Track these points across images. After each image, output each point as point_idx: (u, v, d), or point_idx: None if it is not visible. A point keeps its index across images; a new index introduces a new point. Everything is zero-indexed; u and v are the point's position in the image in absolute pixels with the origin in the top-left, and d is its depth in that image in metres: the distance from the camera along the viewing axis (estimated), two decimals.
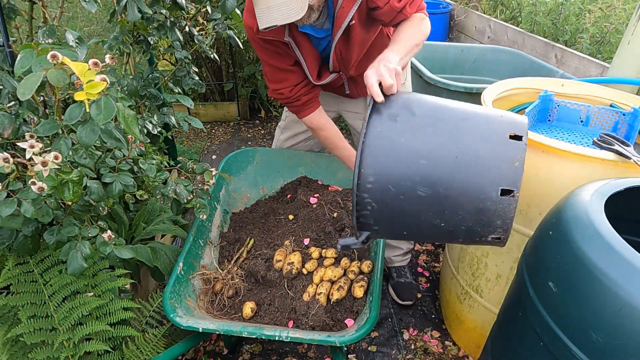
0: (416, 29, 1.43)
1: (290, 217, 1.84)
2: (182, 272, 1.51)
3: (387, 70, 1.15)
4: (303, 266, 1.60)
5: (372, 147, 1.02)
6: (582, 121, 1.76)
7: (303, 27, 1.50)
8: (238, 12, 1.90)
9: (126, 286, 1.55)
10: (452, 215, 1.02)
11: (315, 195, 1.89)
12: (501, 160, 1.00)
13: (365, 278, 1.55)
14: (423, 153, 1.01)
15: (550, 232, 1.05)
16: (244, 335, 1.31)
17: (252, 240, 1.76)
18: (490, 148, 1.01)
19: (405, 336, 2.01)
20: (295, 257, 1.60)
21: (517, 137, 1.02)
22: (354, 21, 1.46)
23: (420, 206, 1.02)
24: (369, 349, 1.95)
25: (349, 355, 1.92)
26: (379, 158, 1.01)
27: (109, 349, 1.42)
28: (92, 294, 1.42)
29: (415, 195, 1.01)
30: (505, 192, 0.99)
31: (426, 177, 1.00)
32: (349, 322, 1.46)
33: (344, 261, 1.60)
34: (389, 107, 1.07)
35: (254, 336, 1.31)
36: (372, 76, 1.13)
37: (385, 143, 1.02)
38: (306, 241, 1.70)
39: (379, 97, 1.09)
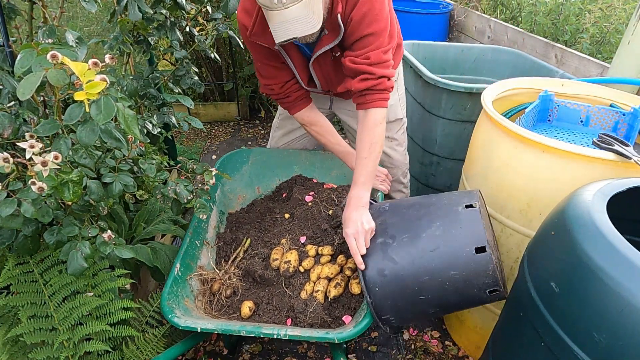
0: (373, 137, 1.54)
1: (286, 215, 1.84)
2: (180, 273, 1.51)
3: (364, 233, 1.37)
4: (300, 264, 1.60)
5: (379, 300, 1.34)
6: (582, 121, 1.76)
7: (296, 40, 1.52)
8: None
9: (126, 286, 1.55)
10: (452, 293, 1.29)
11: (311, 193, 1.89)
12: (466, 229, 1.29)
13: None
14: (416, 277, 1.31)
15: (553, 232, 1.05)
16: (242, 334, 1.31)
17: (249, 240, 1.76)
18: (458, 228, 1.30)
19: (405, 336, 2.01)
20: (292, 256, 1.60)
21: (470, 206, 1.33)
22: (328, 50, 1.54)
23: (425, 305, 1.34)
24: (369, 348, 1.95)
25: (349, 355, 1.92)
26: (388, 301, 1.34)
27: (109, 349, 1.42)
28: (92, 294, 1.42)
29: (420, 301, 1.34)
30: (479, 250, 1.25)
31: (424, 288, 1.31)
32: (346, 318, 1.46)
33: (340, 258, 1.61)
34: (374, 263, 1.36)
35: (252, 335, 1.32)
36: (352, 240, 1.37)
37: (386, 293, 1.33)
38: (302, 239, 1.70)
39: (362, 266, 1.35)
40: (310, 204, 1.84)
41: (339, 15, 1.42)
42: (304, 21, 1.28)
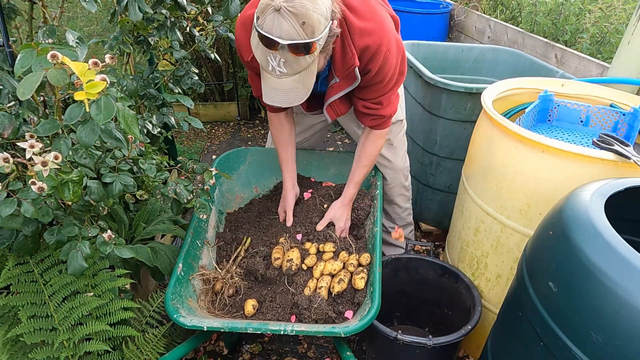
0: (374, 150, 1.73)
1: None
2: (182, 273, 1.52)
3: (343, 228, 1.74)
4: (302, 262, 1.61)
5: None
6: (582, 121, 1.76)
7: None
8: None
9: (126, 286, 1.55)
10: None
11: (309, 190, 1.90)
12: None
13: (365, 270, 1.56)
14: None
15: (551, 232, 1.05)
16: (249, 331, 1.32)
17: (249, 239, 1.77)
18: None
19: None
20: (294, 254, 1.60)
21: None
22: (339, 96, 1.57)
23: None
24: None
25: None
26: None
27: (109, 349, 1.42)
28: (92, 294, 1.42)
29: None
30: None
31: None
32: (348, 313, 1.47)
33: (343, 254, 1.63)
34: None
35: (259, 332, 1.33)
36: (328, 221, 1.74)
37: None
38: (298, 237, 1.71)
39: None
40: (308, 201, 1.86)
41: (356, 69, 1.43)
42: (293, 94, 1.29)
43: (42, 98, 1.37)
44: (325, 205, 1.80)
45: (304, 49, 1.19)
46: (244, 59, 1.53)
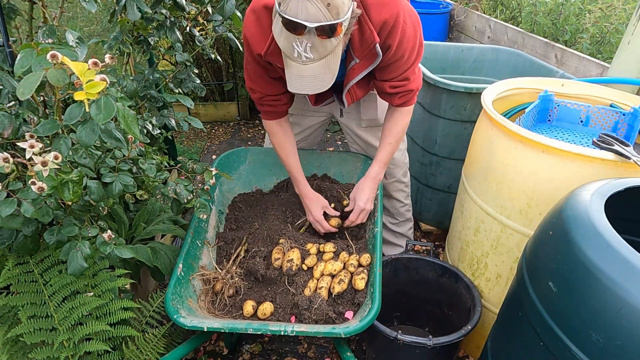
0: (400, 127, 1.70)
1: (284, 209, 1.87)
2: (182, 274, 1.51)
3: (366, 211, 1.71)
4: (303, 262, 1.61)
5: None
6: (582, 121, 1.76)
7: None
8: (239, 14, 1.89)
9: (126, 286, 1.55)
10: None
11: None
12: None
13: (365, 270, 1.56)
14: None
15: (551, 232, 1.05)
16: (249, 332, 1.32)
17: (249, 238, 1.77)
18: None
19: None
20: (294, 254, 1.60)
21: None
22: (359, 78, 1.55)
23: None
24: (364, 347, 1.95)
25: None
26: None
27: (109, 349, 1.42)
28: (92, 294, 1.42)
29: None
30: None
31: None
32: (348, 314, 1.47)
33: (343, 255, 1.63)
34: None
35: (259, 332, 1.33)
36: (358, 211, 1.70)
37: None
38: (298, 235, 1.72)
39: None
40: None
41: (377, 45, 1.40)
42: (319, 80, 1.27)
43: (42, 98, 1.37)
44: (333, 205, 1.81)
45: (330, 31, 1.18)
46: (255, 52, 1.46)
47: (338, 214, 1.77)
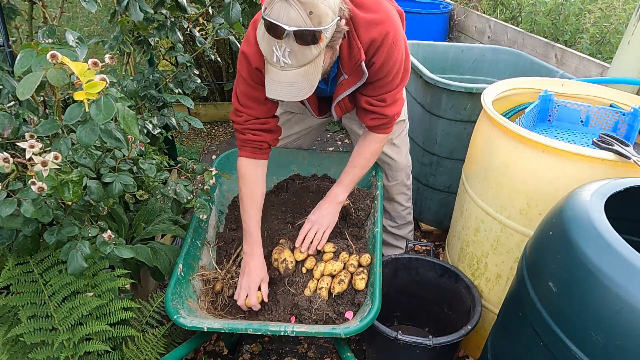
0: (368, 153, 1.66)
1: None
2: (182, 274, 1.51)
3: (323, 227, 1.62)
4: (303, 263, 1.61)
5: None
6: (582, 121, 1.76)
7: None
8: (241, 20, 1.90)
9: (126, 286, 1.55)
10: None
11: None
12: None
13: (365, 270, 1.56)
14: None
15: (551, 232, 1.05)
16: (249, 332, 1.32)
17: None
18: None
19: None
20: (286, 253, 1.60)
21: None
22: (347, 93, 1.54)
23: None
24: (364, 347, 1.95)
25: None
26: None
27: (109, 349, 1.42)
28: (92, 294, 1.42)
29: None
30: None
31: None
32: (348, 314, 1.47)
33: (343, 255, 1.62)
34: None
35: (259, 332, 1.33)
36: (308, 226, 1.62)
37: None
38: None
39: (303, 249, 1.61)
40: (308, 201, 1.86)
41: (362, 63, 1.41)
42: (296, 87, 1.26)
43: (42, 98, 1.37)
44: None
45: (309, 37, 1.18)
46: (253, 66, 1.43)
47: (267, 295, 1.53)
